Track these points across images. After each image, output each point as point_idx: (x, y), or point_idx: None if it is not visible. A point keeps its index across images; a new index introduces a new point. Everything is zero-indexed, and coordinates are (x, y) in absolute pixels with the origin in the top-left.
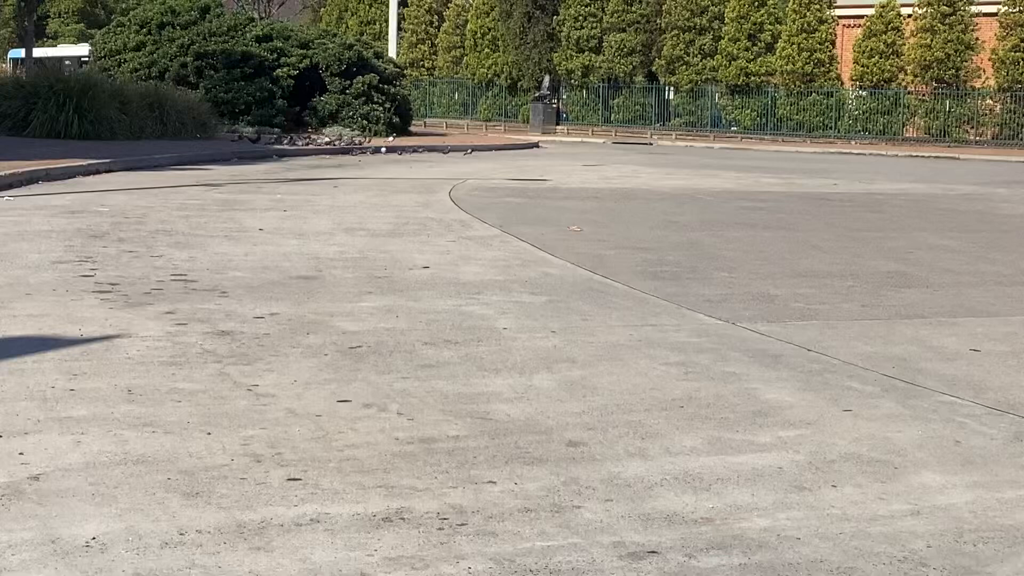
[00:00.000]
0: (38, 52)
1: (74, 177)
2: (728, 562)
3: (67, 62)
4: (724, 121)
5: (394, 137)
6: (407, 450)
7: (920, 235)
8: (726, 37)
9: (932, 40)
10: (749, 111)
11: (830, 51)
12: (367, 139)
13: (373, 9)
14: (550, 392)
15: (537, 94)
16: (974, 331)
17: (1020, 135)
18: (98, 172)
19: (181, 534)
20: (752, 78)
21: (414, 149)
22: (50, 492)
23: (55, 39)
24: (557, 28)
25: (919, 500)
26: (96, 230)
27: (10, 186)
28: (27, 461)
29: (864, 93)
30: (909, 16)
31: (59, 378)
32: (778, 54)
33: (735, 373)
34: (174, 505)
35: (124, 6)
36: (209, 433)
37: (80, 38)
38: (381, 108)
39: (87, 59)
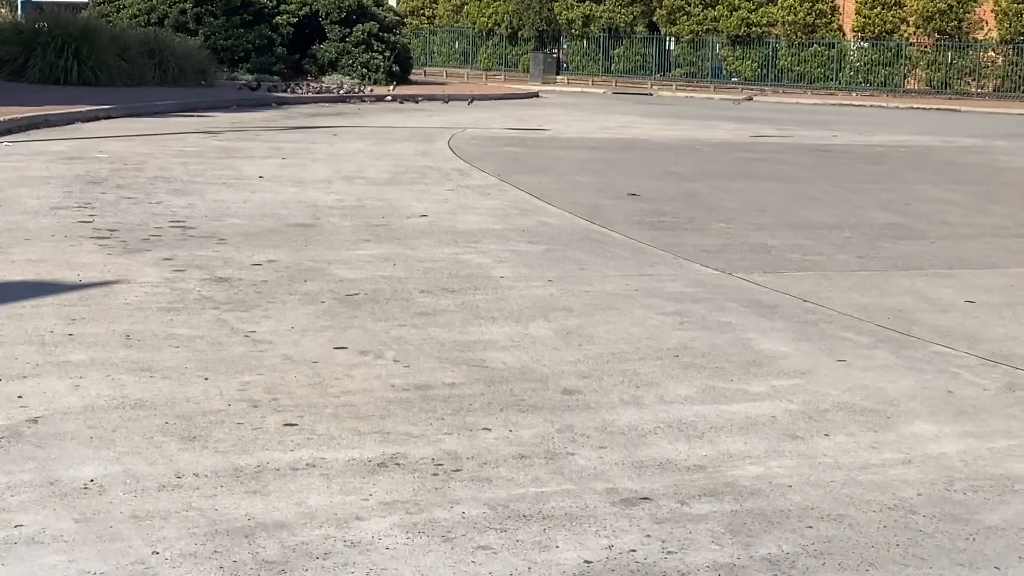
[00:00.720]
0: None
1: (73, 123)
2: (720, 508)
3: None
4: (725, 72)
5: (394, 86)
6: (403, 397)
7: (919, 187)
8: None
9: None
10: (750, 62)
11: (832, 2)
12: (367, 87)
13: None
14: (546, 340)
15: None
16: (970, 283)
17: (1022, 88)
18: (97, 118)
19: (178, 477)
20: (753, 29)
21: (414, 98)
22: (48, 435)
23: None
24: None
25: (910, 449)
26: (95, 176)
27: (9, 131)
28: (26, 404)
29: (866, 44)
30: None
31: (57, 323)
32: (780, 4)
33: (730, 323)
34: (171, 449)
35: None
36: (206, 378)
37: None
38: (381, 57)
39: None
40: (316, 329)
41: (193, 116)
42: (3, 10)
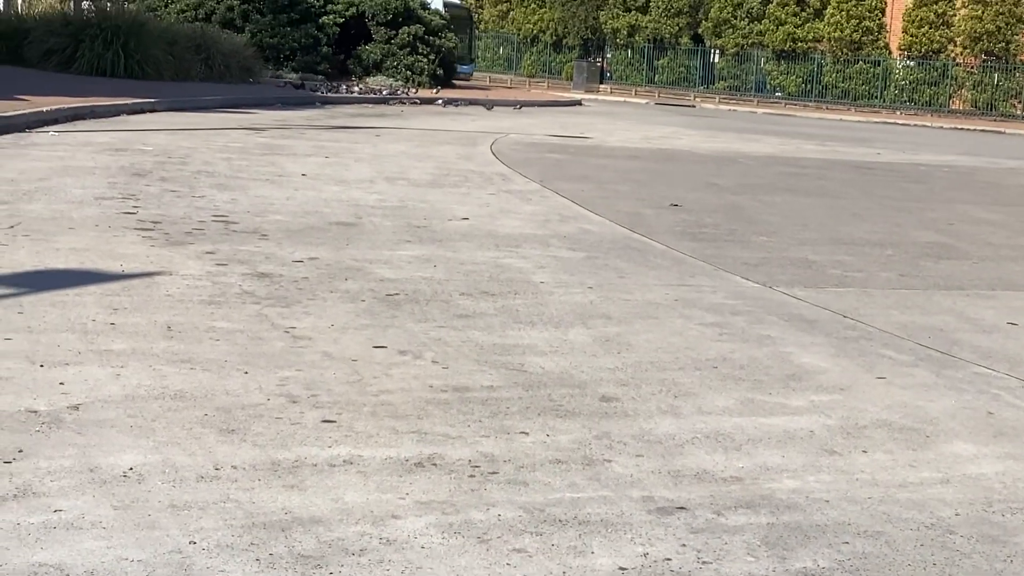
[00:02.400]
0: None
1: (119, 115)
2: (756, 521)
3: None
4: (768, 86)
5: (437, 89)
6: (441, 398)
7: (962, 207)
8: (774, 1)
9: (983, 12)
10: (794, 77)
11: (879, 19)
12: (411, 90)
13: None
14: (585, 347)
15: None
16: (1012, 304)
17: None
18: (143, 111)
19: (216, 469)
20: (799, 44)
21: (457, 102)
22: (89, 422)
23: None
24: None
25: (949, 469)
26: (139, 168)
27: (55, 121)
28: (67, 391)
29: (912, 63)
30: None
31: (100, 312)
32: (826, 20)
33: (770, 336)
34: (210, 440)
35: None
36: (246, 372)
37: None
38: (425, 59)
39: None
40: (356, 327)
41: (237, 112)
42: (52, 1)
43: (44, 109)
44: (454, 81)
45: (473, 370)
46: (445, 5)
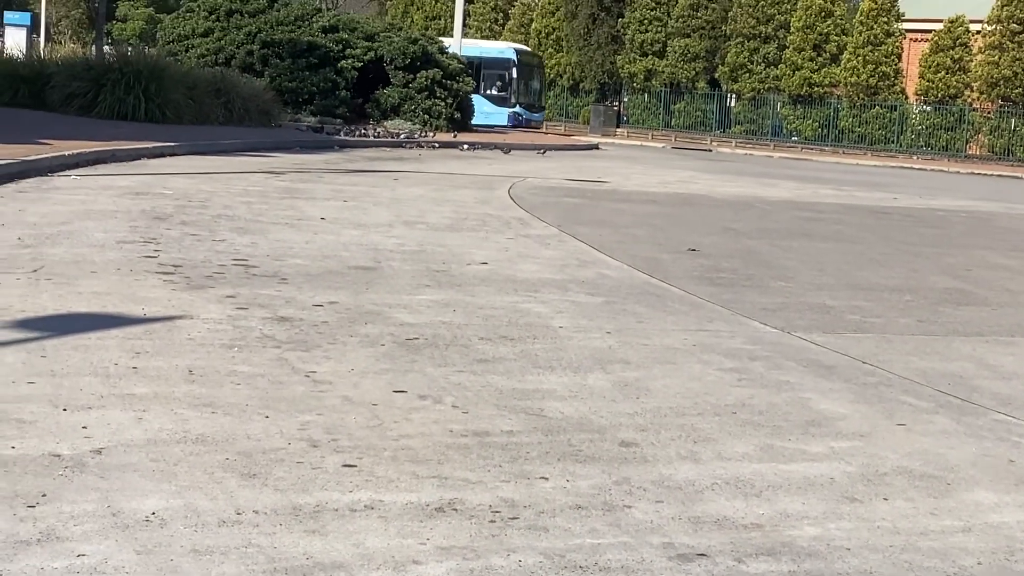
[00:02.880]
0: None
1: (140, 159)
2: (777, 568)
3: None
4: (785, 131)
5: (456, 133)
6: (461, 442)
7: (980, 253)
8: (791, 46)
9: (1000, 58)
10: (811, 122)
11: (896, 64)
12: (428, 133)
13: (439, 4)
14: (604, 392)
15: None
16: None
17: None
18: (163, 155)
19: (238, 514)
20: (815, 88)
21: (474, 145)
22: (112, 466)
23: (124, 22)
24: (621, 31)
25: (971, 517)
26: (160, 212)
27: (77, 165)
28: (90, 435)
29: (928, 108)
30: (978, 32)
31: (122, 355)
32: (843, 65)
33: (789, 382)
34: (232, 485)
35: None
36: (267, 416)
37: (148, 23)
38: (443, 103)
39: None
40: (376, 372)
41: (257, 156)
42: (74, 46)
43: (66, 153)
44: (470, 125)
45: (493, 415)
46: (517, 52)
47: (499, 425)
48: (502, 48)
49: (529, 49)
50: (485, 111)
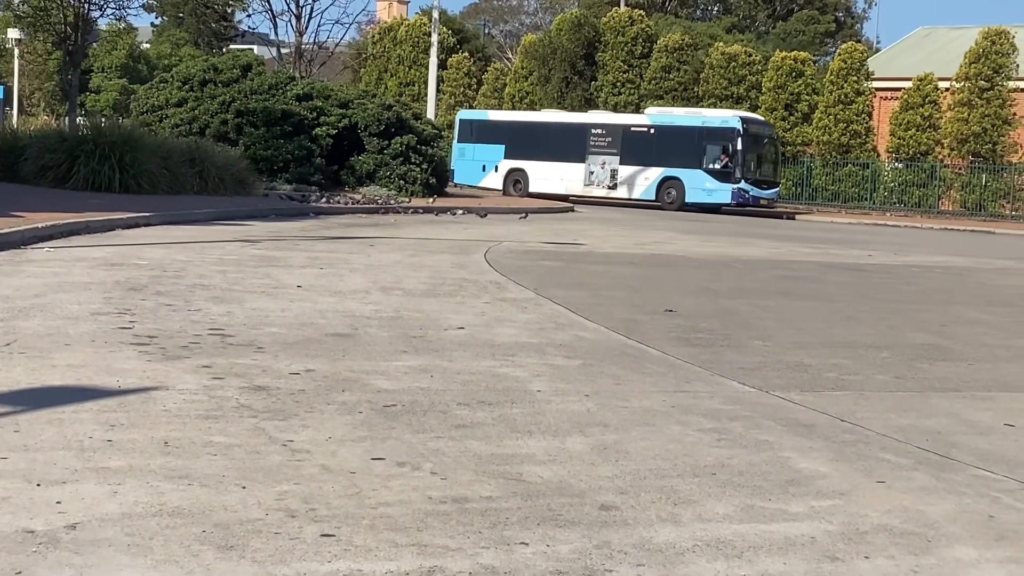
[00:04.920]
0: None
1: (114, 230)
2: None
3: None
4: None
5: (434, 198)
6: (440, 509)
7: (955, 308)
8: (763, 106)
9: (969, 114)
10: (784, 180)
11: (866, 123)
12: (404, 199)
13: (412, 71)
14: (583, 455)
15: None
16: (1009, 406)
17: None
18: (138, 225)
19: None
20: (788, 148)
21: (450, 210)
22: (86, 541)
23: (98, 93)
24: (595, 94)
25: (952, 573)
26: (135, 283)
27: (51, 237)
28: (64, 510)
29: (900, 165)
30: (947, 90)
31: (96, 428)
32: (815, 124)
33: (768, 441)
34: (209, 558)
35: (167, 63)
36: (244, 487)
37: (122, 93)
38: (418, 169)
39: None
40: (354, 439)
41: (232, 224)
42: (47, 118)
43: (39, 225)
44: (446, 190)
45: (472, 480)
46: (743, 120)
47: (478, 491)
48: (726, 117)
49: (759, 117)
50: (706, 187)
